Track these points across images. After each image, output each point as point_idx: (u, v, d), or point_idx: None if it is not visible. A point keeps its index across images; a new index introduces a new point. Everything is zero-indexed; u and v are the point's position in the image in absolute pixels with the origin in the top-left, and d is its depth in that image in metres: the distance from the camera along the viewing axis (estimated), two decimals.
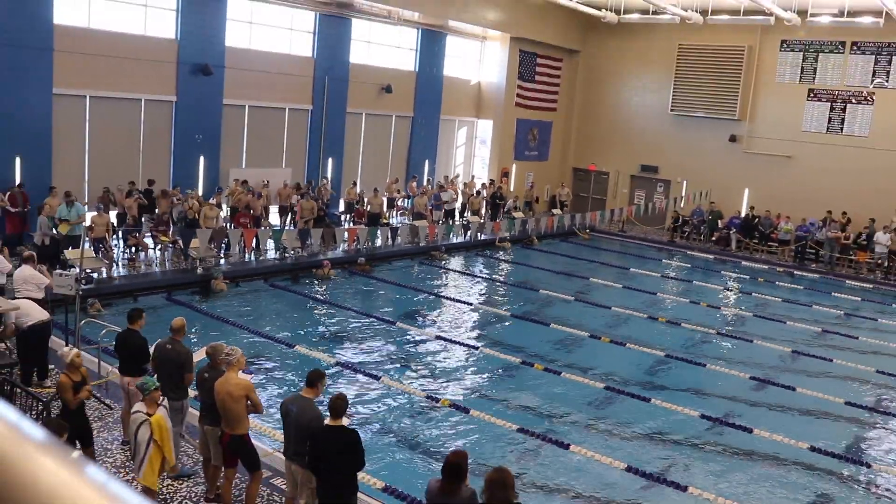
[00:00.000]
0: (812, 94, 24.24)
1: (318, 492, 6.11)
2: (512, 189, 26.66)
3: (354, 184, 22.20)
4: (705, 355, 13.42)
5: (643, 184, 27.90)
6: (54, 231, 14.22)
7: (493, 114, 27.08)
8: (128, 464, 7.63)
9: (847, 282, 20.82)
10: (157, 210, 16.64)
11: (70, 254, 13.43)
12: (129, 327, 7.96)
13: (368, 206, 20.75)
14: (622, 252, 23.47)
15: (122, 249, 15.76)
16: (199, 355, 7.92)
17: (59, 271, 10.47)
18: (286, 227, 18.98)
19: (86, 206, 15.62)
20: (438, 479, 5.27)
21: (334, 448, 5.92)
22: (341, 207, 21.96)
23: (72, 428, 6.58)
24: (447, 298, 16.41)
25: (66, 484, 0.72)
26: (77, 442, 6.87)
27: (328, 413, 6.10)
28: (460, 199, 24.34)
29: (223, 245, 16.27)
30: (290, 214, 19.53)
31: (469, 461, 5.33)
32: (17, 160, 15.68)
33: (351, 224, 20.89)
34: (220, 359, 6.86)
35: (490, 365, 12.17)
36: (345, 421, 6.09)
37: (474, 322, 14.87)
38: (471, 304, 15.99)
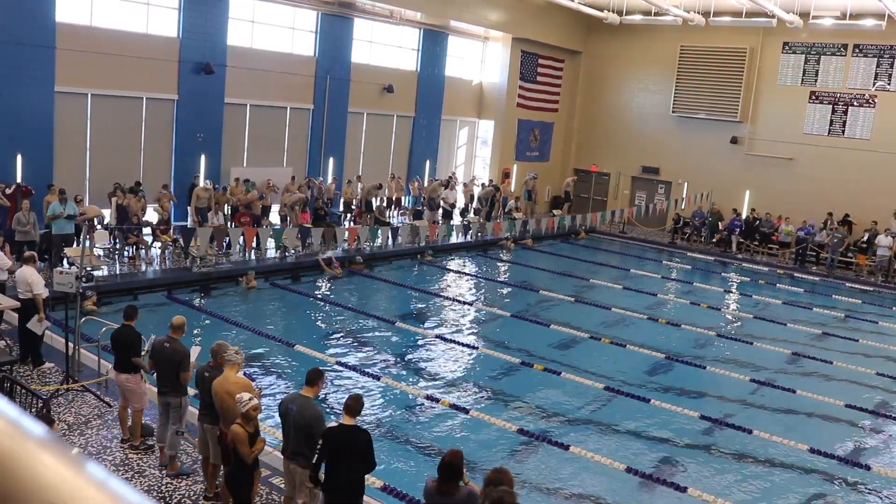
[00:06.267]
0: (814, 97, 24.24)
1: (326, 491, 6.09)
2: (513, 189, 26.66)
3: (350, 182, 22.12)
4: (705, 357, 13.43)
5: (644, 185, 27.89)
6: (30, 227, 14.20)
7: (495, 114, 27.09)
8: (127, 462, 7.64)
9: (847, 284, 20.83)
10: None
11: (71, 251, 13.44)
12: (125, 323, 7.98)
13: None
14: (623, 253, 23.45)
15: (121, 246, 15.74)
16: (196, 353, 7.90)
17: (59, 269, 10.46)
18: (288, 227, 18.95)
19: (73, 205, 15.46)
20: (435, 478, 5.26)
21: (348, 447, 5.92)
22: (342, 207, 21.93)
23: (246, 485, 6.26)
24: (447, 298, 16.39)
25: (66, 480, 0.72)
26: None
27: (343, 412, 6.10)
28: (462, 200, 24.35)
29: (224, 244, 16.28)
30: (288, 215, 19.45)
31: (467, 461, 5.33)
32: (19, 158, 15.69)
33: (351, 223, 20.87)
34: (224, 356, 6.85)
35: (490, 365, 12.17)
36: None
37: (474, 322, 14.87)
38: (471, 305, 15.99)
